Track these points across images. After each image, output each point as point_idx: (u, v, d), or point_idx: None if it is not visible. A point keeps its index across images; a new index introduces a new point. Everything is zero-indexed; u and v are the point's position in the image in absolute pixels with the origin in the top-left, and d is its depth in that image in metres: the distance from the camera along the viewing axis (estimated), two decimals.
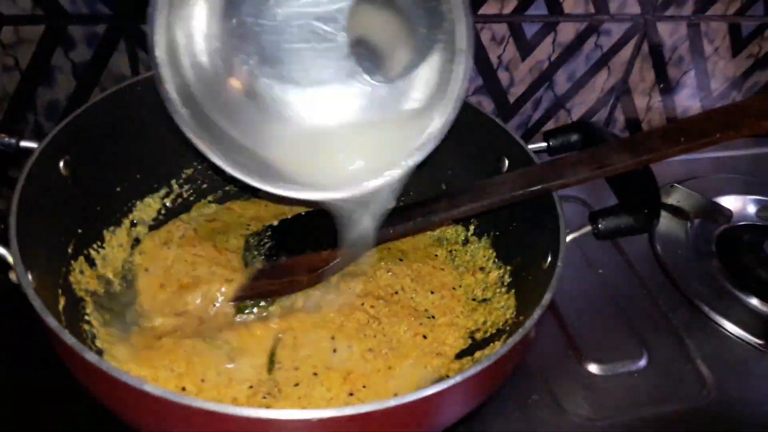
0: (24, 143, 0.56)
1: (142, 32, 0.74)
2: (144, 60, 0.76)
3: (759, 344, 0.74)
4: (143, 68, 0.76)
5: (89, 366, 0.42)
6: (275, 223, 0.70)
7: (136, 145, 0.67)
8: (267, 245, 0.68)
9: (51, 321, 0.44)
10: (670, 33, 0.96)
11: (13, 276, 0.47)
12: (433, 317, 0.66)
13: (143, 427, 0.49)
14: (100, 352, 0.54)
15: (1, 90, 0.73)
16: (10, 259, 0.47)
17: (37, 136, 0.57)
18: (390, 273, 0.69)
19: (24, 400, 0.59)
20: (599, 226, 0.57)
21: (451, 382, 0.43)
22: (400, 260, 0.71)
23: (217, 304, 0.63)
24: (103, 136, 0.63)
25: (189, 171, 0.73)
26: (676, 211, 0.90)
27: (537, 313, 0.50)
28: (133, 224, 0.68)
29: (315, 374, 0.58)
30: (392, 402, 0.42)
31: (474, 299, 0.68)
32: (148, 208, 0.70)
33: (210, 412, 0.40)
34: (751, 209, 0.93)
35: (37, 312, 0.45)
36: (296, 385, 0.57)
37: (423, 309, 0.66)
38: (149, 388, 0.41)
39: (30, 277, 0.48)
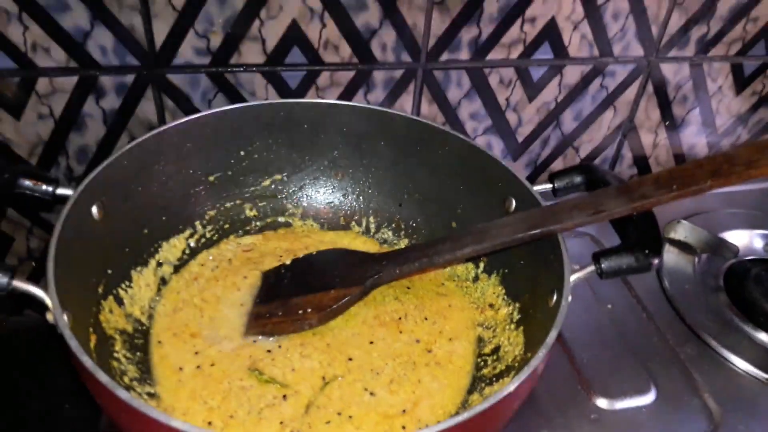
0: (60, 191, 0.60)
1: (168, 81, 0.78)
2: (169, 107, 0.80)
3: (767, 379, 0.74)
4: (169, 116, 0.81)
5: (120, 402, 0.45)
6: (288, 261, 0.73)
7: (162, 189, 0.71)
8: (281, 283, 0.71)
9: (86, 360, 0.47)
10: (673, 73, 0.98)
11: (49, 317, 0.50)
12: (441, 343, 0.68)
13: None
14: (128, 388, 0.57)
15: (36, 136, 0.77)
16: (48, 301, 0.50)
17: (67, 178, 0.60)
18: (396, 300, 0.72)
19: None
20: (602, 266, 0.59)
21: (458, 419, 0.45)
22: (408, 288, 0.74)
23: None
24: (133, 181, 0.67)
25: (212, 213, 0.77)
26: (683, 246, 0.91)
27: (542, 352, 0.51)
28: (159, 264, 0.71)
29: (350, 417, 0.59)
30: None
31: (480, 338, 0.70)
32: (173, 248, 0.73)
33: None
34: (758, 243, 0.94)
35: (73, 351, 0.47)
36: (328, 422, 0.59)
37: (432, 339, 0.69)
38: (176, 423, 0.43)
39: (66, 317, 0.51)
